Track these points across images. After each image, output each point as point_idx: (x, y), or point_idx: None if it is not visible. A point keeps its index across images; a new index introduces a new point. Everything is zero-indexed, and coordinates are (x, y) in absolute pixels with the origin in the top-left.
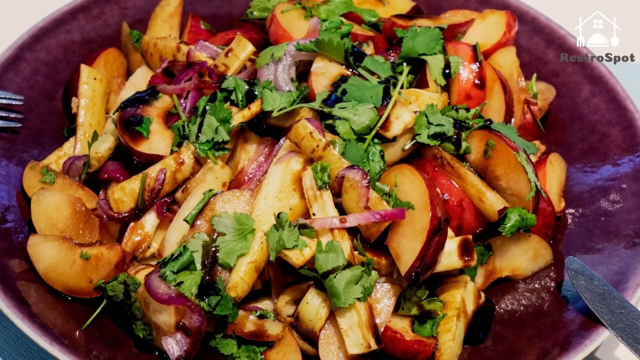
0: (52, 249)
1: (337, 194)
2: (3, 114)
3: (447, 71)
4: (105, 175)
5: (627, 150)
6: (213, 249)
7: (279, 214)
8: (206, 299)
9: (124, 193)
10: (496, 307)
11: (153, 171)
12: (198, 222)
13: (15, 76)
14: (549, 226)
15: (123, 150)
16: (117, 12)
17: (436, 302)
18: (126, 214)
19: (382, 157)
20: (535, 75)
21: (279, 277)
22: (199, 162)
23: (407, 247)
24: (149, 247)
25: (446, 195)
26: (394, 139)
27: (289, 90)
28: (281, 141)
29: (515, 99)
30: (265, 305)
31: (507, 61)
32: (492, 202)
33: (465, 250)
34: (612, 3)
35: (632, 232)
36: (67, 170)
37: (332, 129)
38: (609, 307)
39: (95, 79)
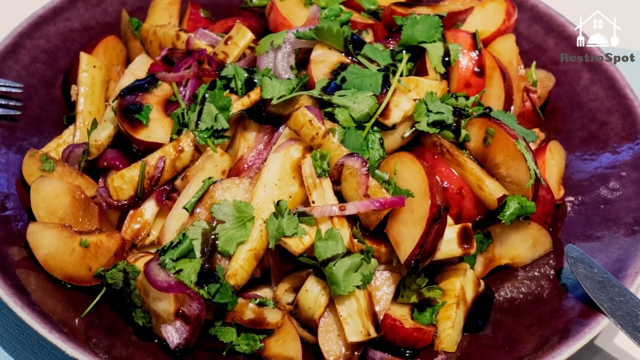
0: (52, 237)
1: (336, 182)
2: (2, 101)
3: (446, 59)
4: (105, 163)
5: (626, 138)
6: (212, 236)
7: (278, 202)
8: (205, 287)
9: (124, 181)
10: (495, 294)
11: (152, 159)
12: (197, 210)
13: (14, 64)
14: (548, 214)
15: (122, 138)
16: (116, 0)
17: (435, 290)
18: (125, 202)
19: (382, 144)
20: (534, 62)
21: (279, 264)
22: (198, 150)
23: (407, 234)
24: (148, 235)
25: (445, 183)
26: (394, 126)
27: (289, 78)
28: (280, 129)
29: (514, 87)
30: (265, 293)
31: (506, 49)
32: (492, 189)
33: (464, 238)
34: (612, 3)
35: (631, 220)
36: (66, 158)
37: (331, 117)
38: (608, 295)
39: (94, 66)
